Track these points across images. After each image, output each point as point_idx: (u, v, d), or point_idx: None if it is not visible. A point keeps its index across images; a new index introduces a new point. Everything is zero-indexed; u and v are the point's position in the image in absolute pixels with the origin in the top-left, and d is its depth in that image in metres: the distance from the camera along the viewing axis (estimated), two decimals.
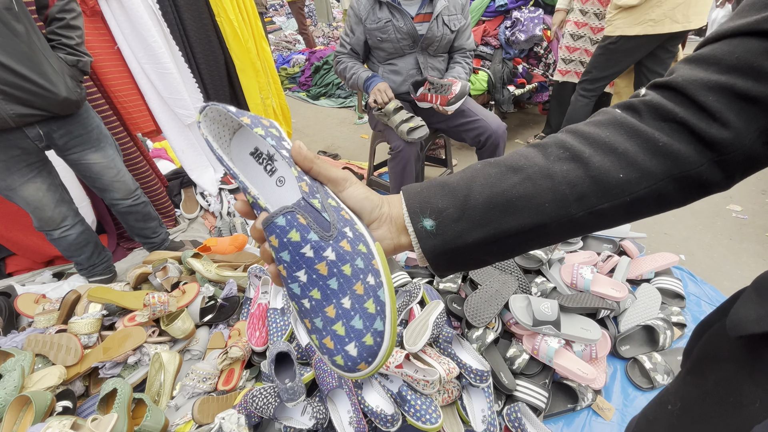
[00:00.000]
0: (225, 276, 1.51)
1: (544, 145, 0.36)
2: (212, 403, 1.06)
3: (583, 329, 1.26)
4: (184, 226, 2.11)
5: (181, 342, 1.31)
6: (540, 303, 1.26)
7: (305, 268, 0.33)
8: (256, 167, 0.39)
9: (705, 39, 0.34)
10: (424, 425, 0.95)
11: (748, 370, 0.36)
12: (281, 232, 0.32)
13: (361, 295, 0.33)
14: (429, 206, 0.36)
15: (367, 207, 0.37)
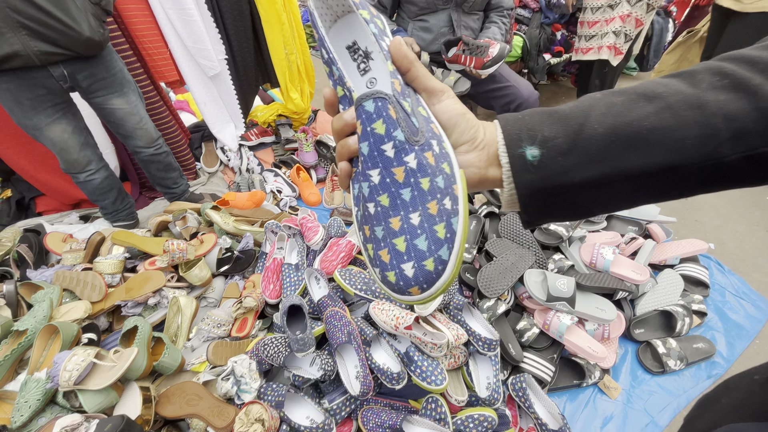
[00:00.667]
0: (242, 230, 1.53)
1: (691, 72, 0.29)
2: (225, 347, 1.10)
3: (598, 309, 1.24)
4: (203, 179, 2.13)
5: (198, 289, 1.36)
6: (556, 279, 1.23)
7: (381, 167, 0.29)
8: (350, 63, 0.36)
9: None
10: (429, 386, 0.97)
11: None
12: (367, 118, 0.29)
13: (433, 216, 0.29)
14: (533, 133, 0.30)
15: (462, 125, 0.33)
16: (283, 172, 2.05)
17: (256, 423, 0.90)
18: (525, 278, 1.26)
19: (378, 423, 0.96)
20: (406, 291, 0.29)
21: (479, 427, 0.97)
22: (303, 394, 1.01)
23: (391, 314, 1.07)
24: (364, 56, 0.35)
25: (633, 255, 1.47)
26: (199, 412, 0.96)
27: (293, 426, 0.94)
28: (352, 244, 1.34)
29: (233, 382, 1.00)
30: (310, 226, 1.42)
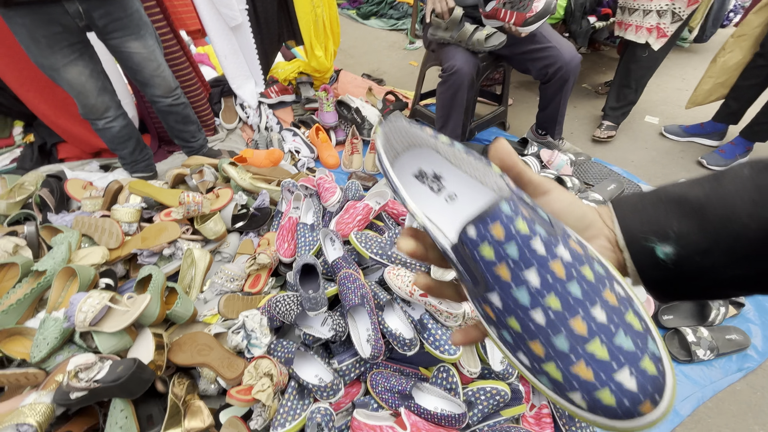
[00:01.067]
0: (258, 187, 1.50)
1: None
2: (237, 301, 1.09)
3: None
4: (222, 135, 2.09)
5: (213, 243, 1.35)
6: None
7: (536, 266, 0.24)
8: (420, 187, 0.34)
9: None
10: (441, 355, 0.94)
11: None
12: (507, 220, 0.24)
13: (617, 306, 0.24)
14: (661, 230, 0.27)
15: (575, 213, 0.30)
16: (302, 132, 1.99)
17: (265, 377, 0.90)
18: None
19: (387, 387, 0.94)
20: (636, 410, 0.21)
21: (491, 400, 0.94)
22: (313, 353, 0.99)
23: (407, 280, 1.03)
24: (435, 178, 0.34)
25: None
26: (209, 362, 0.96)
27: (302, 383, 0.93)
28: (370, 207, 1.29)
29: (243, 335, 0.99)
30: (327, 186, 1.37)
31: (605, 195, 1.32)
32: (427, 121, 2.03)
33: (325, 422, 0.83)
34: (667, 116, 2.22)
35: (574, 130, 2.15)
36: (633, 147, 2.01)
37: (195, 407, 0.90)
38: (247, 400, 0.84)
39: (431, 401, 0.94)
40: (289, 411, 0.88)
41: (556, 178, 1.42)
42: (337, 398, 0.91)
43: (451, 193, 0.34)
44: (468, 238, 0.25)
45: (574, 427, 0.96)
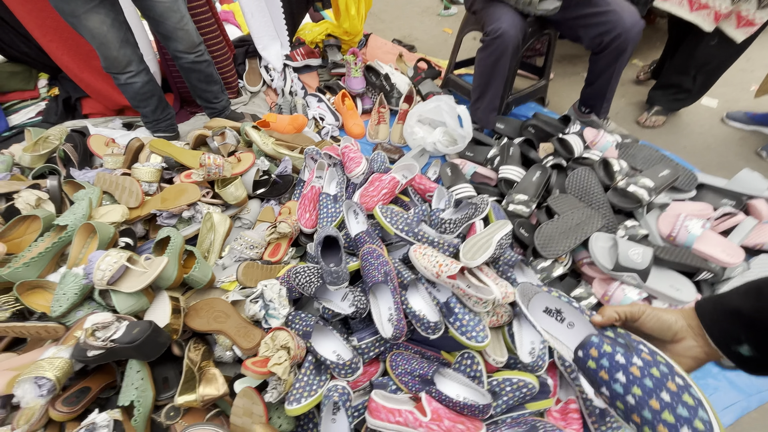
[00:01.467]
0: (281, 153, 1.44)
1: None
2: (256, 269, 1.05)
3: (673, 287, 1.07)
4: (245, 98, 2.02)
5: (233, 209, 1.31)
6: (629, 247, 1.06)
7: (622, 370, 0.44)
8: (548, 318, 0.58)
9: None
10: (468, 341, 0.88)
11: None
12: (599, 342, 0.46)
13: (676, 392, 0.41)
14: (735, 337, 0.40)
15: (663, 326, 0.46)
16: (327, 99, 1.90)
17: (282, 350, 0.86)
18: (591, 242, 1.10)
19: (407, 370, 0.89)
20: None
21: (517, 393, 0.89)
22: (331, 328, 0.95)
23: (434, 260, 0.96)
24: (557, 312, 0.57)
25: (724, 234, 1.24)
26: (225, 330, 0.93)
27: (319, 358, 0.90)
28: (396, 180, 1.21)
29: (261, 305, 0.95)
30: (352, 156, 1.29)
31: (657, 181, 1.20)
32: (460, 92, 1.90)
33: (342, 401, 0.80)
34: (727, 99, 2.01)
35: (619, 110, 1.98)
36: (686, 131, 1.83)
37: (210, 374, 0.88)
38: (262, 372, 0.81)
39: (453, 388, 0.89)
40: (305, 386, 0.85)
41: (602, 159, 1.29)
42: (355, 377, 0.87)
43: (570, 321, 0.54)
44: (578, 357, 0.47)
45: (604, 426, 0.90)
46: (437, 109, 1.59)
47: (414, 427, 0.79)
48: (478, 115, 1.59)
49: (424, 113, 1.64)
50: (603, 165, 1.30)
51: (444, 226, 1.07)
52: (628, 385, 0.42)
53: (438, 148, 1.59)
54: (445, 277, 0.92)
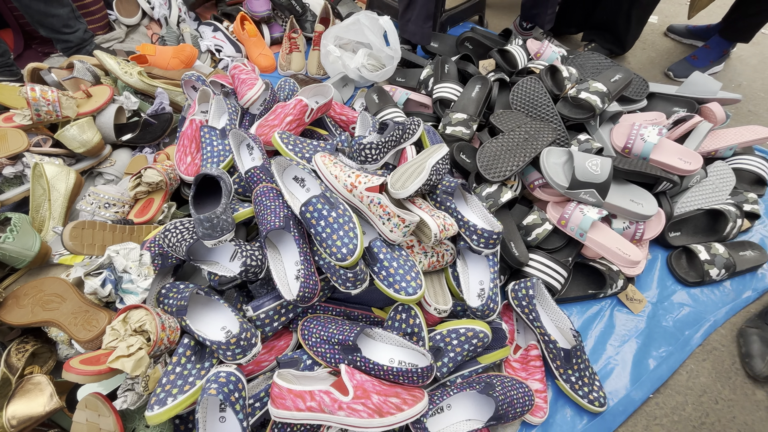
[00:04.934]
0: (152, 85, 1.09)
1: None
2: (99, 231, 0.75)
3: (634, 202, 0.92)
4: (120, 33, 1.59)
5: (87, 160, 0.97)
6: (586, 159, 0.89)
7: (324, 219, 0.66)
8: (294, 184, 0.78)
9: None
10: (397, 294, 0.67)
11: None
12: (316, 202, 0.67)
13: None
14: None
15: None
16: (226, 27, 1.53)
17: (136, 335, 0.60)
18: (542, 158, 0.91)
19: (324, 337, 0.67)
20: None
21: (466, 344, 0.70)
22: (219, 298, 0.70)
23: (349, 170, 0.72)
24: (301, 180, 0.78)
25: (680, 141, 1.12)
26: (55, 318, 0.65)
27: (197, 338, 0.65)
28: (304, 104, 0.94)
29: (108, 278, 0.67)
30: (243, 78, 0.99)
31: (610, 86, 1.04)
32: (387, 11, 1.61)
33: (225, 395, 0.56)
34: (666, 15, 1.91)
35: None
36: (630, 49, 1.70)
37: (31, 385, 0.60)
38: (92, 372, 0.54)
39: (385, 352, 0.69)
40: (176, 380, 0.60)
41: (549, 67, 1.11)
42: (248, 358, 0.63)
43: (308, 187, 0.80)
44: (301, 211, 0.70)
45: (570, 370, 0.75)
46: (357, 27, 1.30)
47: (331, 411, 0.58)
48: (409, 28, 1.33)
49: (341, 33, 1.35)
50: (550, 73, 1.11)
51: (365, 154, 0.83)
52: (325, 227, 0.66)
53: (363, 74, 1.31)
54: (362, 189, 0.69)
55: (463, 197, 0.86)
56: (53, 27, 1.29)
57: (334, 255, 0.66)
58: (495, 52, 1.21)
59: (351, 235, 0.66)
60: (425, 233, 0.75)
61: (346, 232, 0.67)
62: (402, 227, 0.70)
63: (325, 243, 0.67)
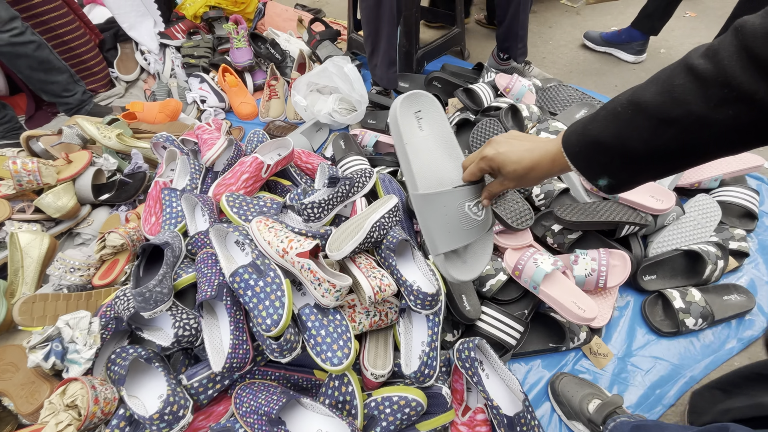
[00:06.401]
0: (129, 145, 1.17)
1: (705, 75, 0.32)
2: (53, 301, 0.80)
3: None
4: (120, 89, 1.72)
5: (65, 222, 1.04)
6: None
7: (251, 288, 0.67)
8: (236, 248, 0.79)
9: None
10: (323, 363, 0.66)
11: None
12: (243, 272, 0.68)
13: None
14: (594, 174, 0.41)
15: (524, 168, 0.47)
16: (211, 77, 1.62)
17: (68, 410, 0.63)
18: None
19: (253, 408, 0.68)
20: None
21: (398, 414, 0.68)
22: (158, 365, 0.72)
23: (283, 235, 0.74)
24: (241, 244, 0.79)
25: None
26: (5, 389, 0.69)
27: (127, 409, 0.67)
28: (259, 162, 0.97)
29: (53, 350, 0.71)
30: (206, 138, 1.04)
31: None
32: (365, 52, 1.64)
33: None
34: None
35: (547, 54, 1.77)
36: (617, 69, 1.65)
37: None
38: None
39: (314, 422, 0.68)
40: None
41: (509, 106, 1.09)
42: (176, 431, 0.65)
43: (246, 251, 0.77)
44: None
45: None
46: (325, 73, 1.34)
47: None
48: (376, 73, 1.35)
49: (314, 80, 1.39)
50: (511, 112, 1.09)
51: (307, 213, 0.85)
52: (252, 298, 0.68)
53: (335, 118, 1.35)
54: (293, 255, 0.70)
55: (410, 252, 0.85)
56: (54, 92, 1.41)
57: (260, 325, 0.67)
58: (459, 92, 1.20)
59: (277, 305, 0.67)
60: (361, 294, 0.75)
61: (272, 302, 0.67)
62: (333, 292, 0.70)
63: (252, 313, 0.68)
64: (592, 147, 0.39)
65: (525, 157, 0.45)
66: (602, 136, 0.38)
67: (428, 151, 0.58)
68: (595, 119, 0.39)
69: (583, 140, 0.40)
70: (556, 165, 0.43)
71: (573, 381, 0.79)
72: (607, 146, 0.38)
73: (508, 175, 0.48)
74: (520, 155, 0.46)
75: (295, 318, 0.72)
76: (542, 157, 0.44)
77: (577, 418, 0.75)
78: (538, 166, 0.45)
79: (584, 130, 0.40)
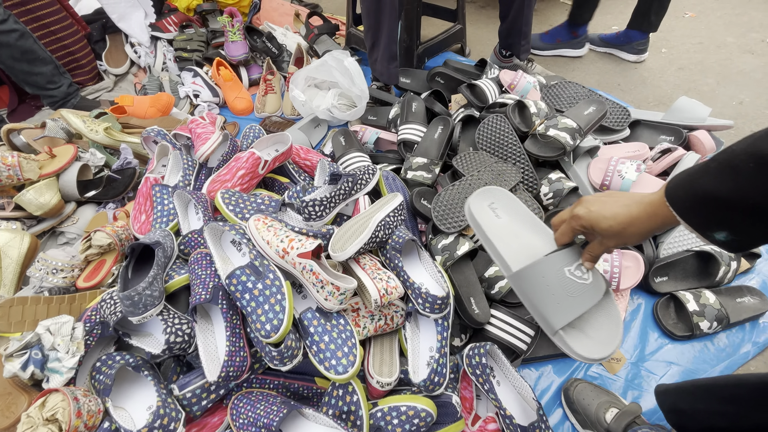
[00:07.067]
0: (118, 140, 1.11)
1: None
2: (32, 305, 0.74)
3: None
4: (109, 83, 1.65)
5: (48, 220, 0.98)
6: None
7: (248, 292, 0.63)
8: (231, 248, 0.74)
9: None
10: (326, 371, 0.62)
11: None
12: (240, 274, 0.64)
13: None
14: (711, 227, 0.38)
15: (620, 226, 0.45)
16: (205, 71, 1.56)
17: (48, 424, 0.57)
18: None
19: (251, 419, 0.63)
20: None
21: (407, 425, 0.64)
22: (147, 374, 0.67)
23: (283, 234, 0.69)
24: (238, 243, 0.75)
25: (665, 174, 1.04)
26: None
27: (113, 422, 0.62)
28: (257, 157, 0.92)
29: (32, 358, 0.65)
30: (199, 132, 0.99)
31: (581, 121, 0.97)
32: (364, 47, 1.60)
33: None
34: (661, 29, 1.82)
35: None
36: (619, 68, 1.63)
37: None
38: None
39: None
40: None
41: (516, 102, 1.05)
42: None
43: (243, 251, 0.74)
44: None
45: None
46: (324, 67, 1.30)
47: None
48: (377, 68, 1.31)
49: (312, 74, 1.35)
50: (518, 109, 1.06)
51: (308, 211, 0.80)
52: (249, 301, 0.64)
53: (334, 114, 1.30)
54: (294, 255, 0.65)
55: (417, 253, 0.81)
56: (38, 84, 1.35)
57: (258, 331, 0.62)
58: (463, 87, 1.17)
59: (277, 309, 0.63)
60: (366, 297, 0.71)
61: (272, 306, 0.63)
62: (337, 295, 0.66)
63: (251, 317, 0.63)
64: (705, 202, 0.37)
65: (620, 213, 0.44)
66: (719, 191, 0.36)
67: (512, 234, 0.58)
68: (706, 172, 0.37)
69: (694, 194, 0.38)
70: (656, 219, 0.42)
71: (588, 388, 0.75)
72: (725, 201, 0.35)
73: (604, 233, 0.46)
74: (615, 211, 0.45)
75: (296, 323, 0.67)
76: (640, 212, 0.43)
77: (593, 427, 0.71)
78: (636, 221, 0.43)
79: (693, 183, 0.38)
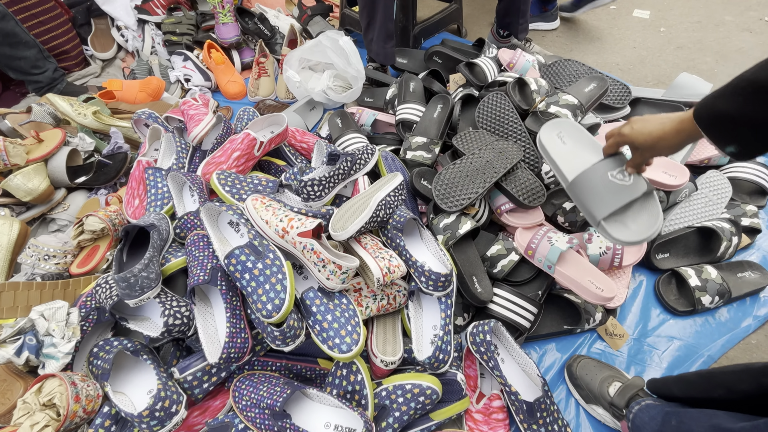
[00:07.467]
0: (107, 124, 1.08)
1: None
2: (24, 290, 0.72)
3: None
4: (96, 68, 1.60)
5: (38, 207, 0.95)
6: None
7: (248, 271, 0.62)
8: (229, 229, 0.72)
9: None
10: (330, 351, 0.61)
11: None
12: (240, 254, 0.62)
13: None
14: (727, 135, 0.48)
15: (654, 139, 0.56)
16: (196, 55, 1.52)
17: (45, 409, 0.56)
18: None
19: (254, 400, 0.62)
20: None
21: (412, 402, 0.63)
22: (146, 358, 0.66)
23: (282, 213, 0.67)
24: (236, 224, 0.73)
25: None
26: None
27: (113, 406, 0.60)
28: (252, 138, 0.90)
29: (26, 344, 0.64)
30: (192, 114, 0.96)
31: (582, 97, 0.96)
32: (358, 28, 1.56)
33: None
34: (659, 9, 1.80)
35: (546, 32, 1.72)
36: (618, 47, 1.61)
37: None
38: None
39: (322, 414, 0.63)
40: None
41: (516, 80, 1.03)
42: (167, 429, 0.59)
43: (242, 232, 0.72)
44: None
45: (535, 425, 0.67)
46: (318, 47, 1.26)
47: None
48: (372, 48, 1.28)
49: (306, 55, 1.31)
50: (518, 86, 1.04)
51: (306, 191, 0.78)
52: (250, 281, 0.62)
53: (330, 96, 1.27)
54: (294, 234, 0.64)
55: (419, 232, 0.80)
56: (22, 69, 1.30)
57: (260, 311, 0.61)
58: (462, 66, 1.14)
59: (278, 288, 0.61)
60: (369, 277, 0.69)
61: (273, 285, 0.61)
62: (339, 274, 0.65)
63: (251, 298, 0.62)
64: (721, 119, 0.46)
65: (655, 129, 0.55)
66: (729, 110, 0.45)
67: (573, 154, 0.70)
68: (722, 95, 0.46)
69: (714, 113, 0.47)
70: (683, 134, 0.52)
71: (591, 364, 0.75)
72: (733, 119, 0.45)
73: (642, 146, 0.57)
74: (651, 128, 0.55)
75: (297, 303, 0.66)
76: (671, 128, 0.53)
77: (597, 401, 0.72)
78: (667, 135, 0.53)
79: (713, 105, 0.47)
